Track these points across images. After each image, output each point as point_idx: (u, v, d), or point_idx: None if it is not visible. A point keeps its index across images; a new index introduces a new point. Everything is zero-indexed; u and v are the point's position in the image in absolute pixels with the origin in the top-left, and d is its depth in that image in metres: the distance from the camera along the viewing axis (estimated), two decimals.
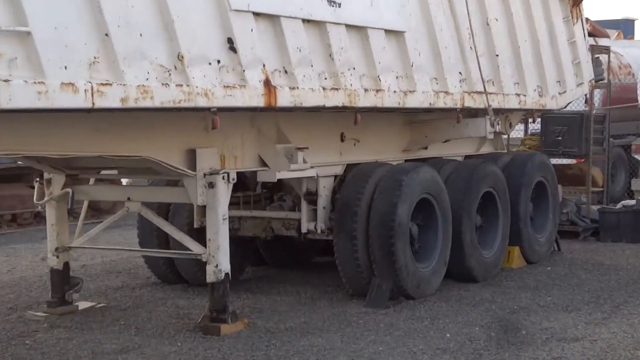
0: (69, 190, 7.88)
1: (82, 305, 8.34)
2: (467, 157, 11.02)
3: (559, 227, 12.03)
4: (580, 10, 12.44)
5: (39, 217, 13.81)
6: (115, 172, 8.79)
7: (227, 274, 7.37)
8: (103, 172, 8.72)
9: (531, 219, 11.15)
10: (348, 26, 7.99)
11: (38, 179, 8.35)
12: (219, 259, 7.22)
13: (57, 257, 8.23)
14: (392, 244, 8.31)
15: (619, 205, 13.52)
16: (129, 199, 8.10)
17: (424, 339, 6.95)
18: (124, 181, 10.25)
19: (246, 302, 8.30)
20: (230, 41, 6.63)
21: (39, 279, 9.79)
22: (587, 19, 13.56)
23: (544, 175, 11.46)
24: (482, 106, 9.81)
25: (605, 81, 14.40)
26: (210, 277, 7.26)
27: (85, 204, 8.82)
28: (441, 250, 9.21)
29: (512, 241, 10.59)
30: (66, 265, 8.34)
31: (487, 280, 9.72)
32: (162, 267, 9.51)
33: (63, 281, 8.24)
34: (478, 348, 6.70)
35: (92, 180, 8.55)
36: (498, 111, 10.45)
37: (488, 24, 10.07)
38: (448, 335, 7.16)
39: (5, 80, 4.82)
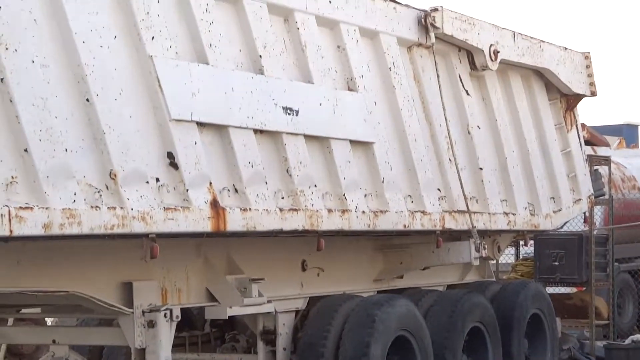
0: None
1: None
2: (449, 286, 11.07)
3: None
4: (574, 116, 12.81)
5: None
6: (38, 310, 8.58)
7: None
8: (24, 310, 8.54)
9: (526, 358, 11.15)
10: (307, 137, 8.16)
11: None
12: None
13: None
14: None
15: (627, 341, 13.65)
16: (54, 341, 7.93)
17: None
18: (49, 321, 10.03)
19: None
20: (170, 156, 6.68)
21: None
22: (583, 125, 14.23)
23: (539, 306, 11.46)
24: (465, 227, 9.94)
25: (607, 196, 14.66)
26: None
27: (3, 348, 8.65)
28: None
29: None
30: None
31: None
32: None
33: None
34: None
35: (10, 321, 8.44)
36: (484, 233, 10.54)
37: (469, 133, 10.31)
38: None
39: None
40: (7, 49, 5.33)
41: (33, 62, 5.57)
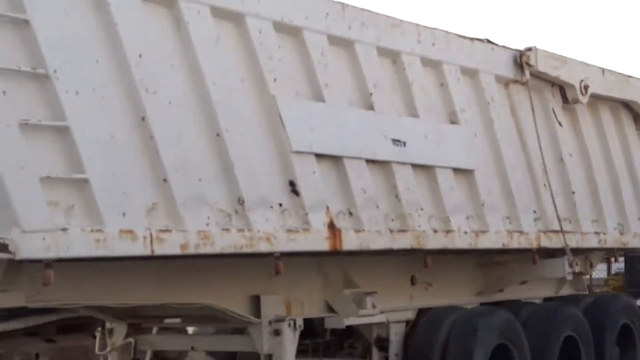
0: (131, 340, 7.76)
1: None
2: (545, 299, 10.69)
3: None
4: None
5: None
6: (178, 320, 8.61)
7: None
8: (166, 320, 8.55)
9: None
10: (414, 165, 7.92)
11: (100, 329, 8.22)
12: None
13: None
14: None
15: None
16: (192, 348, 7.90)
17: None
18: (189, 329, 9.94)
19: None
20: (292, 184, 6.50)
21: None
22: None
23: (629, 317, 10.95)
24: (559, 246, 9.49)
25: None
26: None
27: (149, 353, 8.49)
28: None
29: None
30: None
31: None
32: None
33: None
34: None
35: (155, 329, 8.43)
36: (577, 251, 10.08)
37: (562, 160, 9.83)
38: None
39: (63, 229, 4.71)
40: (147, 91, 5.28)
41: (170, 102, 5.49)
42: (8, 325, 12.83)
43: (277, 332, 6.83)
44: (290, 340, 6.95)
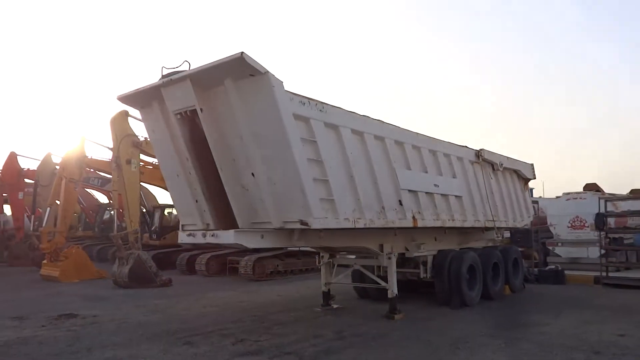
0: (331, 260, 10.72)
1: (335, 305, 10.92)
2: (485, 247, 12.64)
3: (523, 277, 13.91)
4: (528, 185, 14.87)
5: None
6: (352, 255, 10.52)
7: (396, 294, 9.62)
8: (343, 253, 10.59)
9: (512, 273, 12.99)
10: (442, 195, 10.52)
11: (318, 255, 10.94)
12: (393, 288, 9.68)
13: (326, 285, 10.82)
14: (459, 283, 10.54)
15: (547, 268, 15.80)
16: (355, 264, 10.55)
17: (471, 322, 9.27)
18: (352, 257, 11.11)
19: (402, 307, 9.94)
20: (400, 202, 9.39)
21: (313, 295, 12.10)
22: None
23: (517, 254, 13.40)
24: (492, 226, 12.17)
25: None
26: (390, 295, 9.69)
27: (336, 265, 10.89)
28: (479, 285, 11.16)
29: (506, 282, 12.58)
30: (328, 290, 10.79)
31: (497, 299, 11.79)
32: (362, 291, 11.81)
33: (327, 296, 10.79)
34: (497, 325, 9.01)
35: (337, 256, 10.70)
36: (498, 228, 12.75)
37: (493, 194, 12.33)
38: (483, 318, 9.57)
39: (325, 218, 7.45)
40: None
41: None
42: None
43: (389, 257, 9.60)
44: (393, 262, 9.64)
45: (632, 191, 20.85)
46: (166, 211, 22.00)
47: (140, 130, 14.37)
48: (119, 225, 15.35)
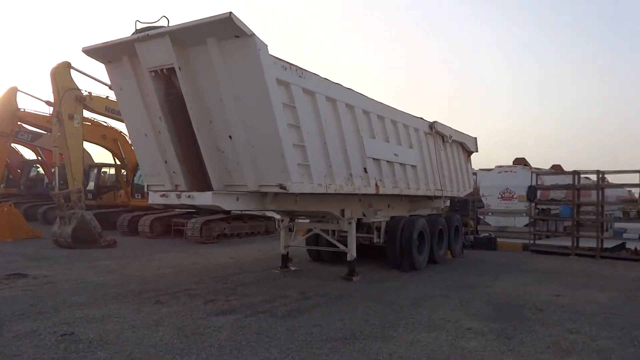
0: (291, 223, 10.87)
1: (293, 268, 11.09)
2: (431, 215, 13.20)
3: (462, 243, 14.54)
4: (470, 158, 15.34)
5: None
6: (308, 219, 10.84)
7: (355, 257, 10.00)
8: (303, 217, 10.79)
9: (454, 239, 13.83)
10: (400, 164, 11.11)
11: (278, 219, 11.09)
12: (352, 252, 10.03)
13: (285, 248, 10.97)
14: (410, 248, 11.07)
15: (481, 235, 16.90)
16: (314, 228, 10.78)
17: (423, 284, 9.76)
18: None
19: (359, 269, 10.29)
20: (364, 169, 9.81)
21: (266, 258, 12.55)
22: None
23: (458, 222, 14.24)
24: (440, 195, 12.87)
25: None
26: (349, 258, 10.03)
27: (295, 228, 11.31)
28: (427, 250, 11.80)
29: (448, 248, 13.38)
30: (287, 252, 10.98)
31: (441, 263, 12.61)
32: (315, 254, 12.22)
33: (286, 259, 10.95)
34: (447, 287, 9.50)
35: (296, 220, 10.86)
36: (445, 198, 13.54)
37: (442, 164, 12.89)
38: (433, 281, 10.11)
39: (301, 182, 7.49)
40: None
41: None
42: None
43: (349, 222, 9.87)
44: (353, 227, 9.96)
45: (553, 166, 22.58)
46: (102, 170, 21.06)
47: (83, 83, 13.48)
48: (60, 183, 14.47)
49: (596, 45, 70.97)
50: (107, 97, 15.19)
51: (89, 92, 14.24)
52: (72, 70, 13.89)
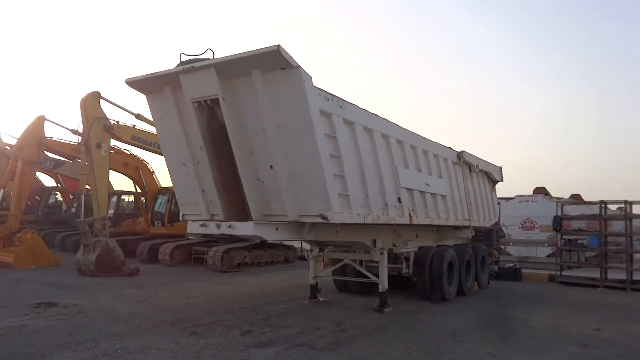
0: (321, 253, 10.80)
1: (322, 299, 11.00)
2: (457, 245, 13.12)
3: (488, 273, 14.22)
4: (495, 188, 15.26)
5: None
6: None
7: (387, 289, 9.89)
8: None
9: (480, 269, 13.65)
10: (432, 194, 10.95)
11: (308, 249, 11.00)
12: (384, 282, 9.96)
13: (315, 279, 10.86)
14: (441, 279, 11.02)
15: (506, 266, 16.80)
16: (346, 257, 10.61)
17: (457, 316, 9.73)
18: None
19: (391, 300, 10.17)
20: (399, 199, 9.70)
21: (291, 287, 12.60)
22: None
23: (484, 252, 14.09)
24: (468, 225, 12.68)
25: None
26: (381, 289, 9.91)
27: (326, 258, 11.20)
28: (456, 281, 11.72)
29: (475, 278, 13.23)
30: (316, 283, 10.90)
31: (469, 294, 12.42)
32: (341, 285, 12.09)
33: (315, 289, 10.85)
34: (481, 319, 9.50)
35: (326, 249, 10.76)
36: (472, 228, 13.18)
37: (469, 193, 12.74)
38: (465, 313, 10.12)
39: (340, 212, 7.43)
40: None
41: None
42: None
43: (381, 252, 9.85)
44: (385, 257, 9.91)
45: (572, 195, 22.40)
46: (122, 198, 21.17)
47: (111, 113, 13.66)
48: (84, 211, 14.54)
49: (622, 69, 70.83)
50: (134, 125, 15.34)
51: (116, 121, 14.38)
52: (101, 100, 14.01)
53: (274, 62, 6.41)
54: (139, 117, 14.82)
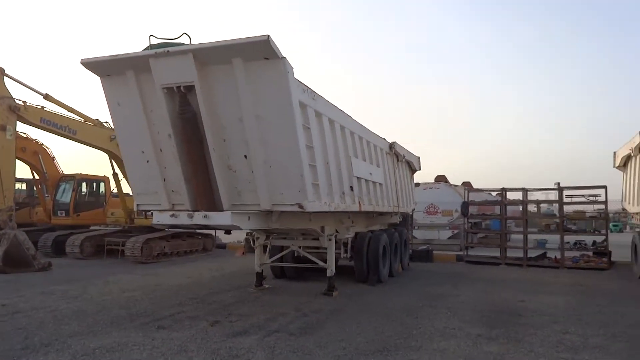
0: (268, 241, 10.98)
1: (267, 286, 11.08)
2: (384, 229, 13.68)
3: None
4: (413, 176, 16.04)
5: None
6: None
7: (334, 273, 10.05)
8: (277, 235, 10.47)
9: (403, 252, 14.47)
10: (373, 182, 11.47)
11: (250, 235, 11.02)
12: (332, 267, 10.25)
13: (261, 266, 11.02)
14: (377, 262, 11.58)
15: (419, 248, 17.82)
16: (292, 245, 10.72)
17: (398, 295, 10.28)
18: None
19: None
20: (351, 188, 10.14)
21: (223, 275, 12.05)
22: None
23: (406, 236, 14.98)
24: (397, 211, 13.59)
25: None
26: (329, 274, 10.16)
27: (269, 246, 11.25)
28: (388, 263, 12.43)
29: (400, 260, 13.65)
30: (262, 270, 11.00)
31: (396, 275, 13.23)
32: (278, 271, 12.28)
33: (261, 277, 10.95)
34: (421, 297, 10.19)
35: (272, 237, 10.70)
36: (395, 213, 13.90)
37: (396, 182, 13.45)
38: (404, 292, 10.70)
39: (313, 201, 7.68)
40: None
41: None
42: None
43: (329, 239, 10.09)
44: (333, 243, 10.24)
45: (464, 183, 24.66)
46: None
47: (16, 92, 12.21)
48: None
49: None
50: (43, 107, 14.01)
51: (23, 102, 13.07)
52: (5, 78, 12.65)
53: (259, 51, 6.41)
54: (47, 97, 13.56)
